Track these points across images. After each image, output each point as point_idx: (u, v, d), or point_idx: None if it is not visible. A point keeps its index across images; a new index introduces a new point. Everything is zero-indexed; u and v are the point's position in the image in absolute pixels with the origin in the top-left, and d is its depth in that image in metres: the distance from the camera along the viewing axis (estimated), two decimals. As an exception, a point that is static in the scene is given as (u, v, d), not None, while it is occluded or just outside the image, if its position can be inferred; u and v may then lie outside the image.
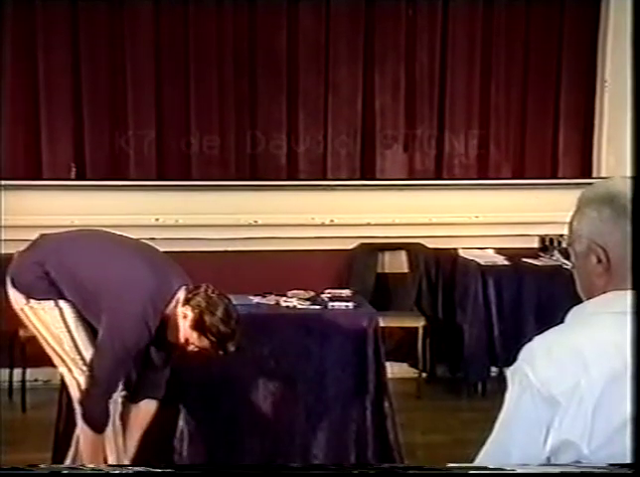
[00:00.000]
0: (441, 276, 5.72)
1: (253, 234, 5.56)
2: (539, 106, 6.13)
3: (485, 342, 5.33)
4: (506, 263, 5.47)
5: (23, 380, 5.06)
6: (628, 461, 1.40)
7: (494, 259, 5.51)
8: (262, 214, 5.58)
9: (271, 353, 3.88)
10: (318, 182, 5.82)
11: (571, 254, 1.62)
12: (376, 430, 3.91)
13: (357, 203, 5.74)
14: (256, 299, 4.13)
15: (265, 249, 5.53)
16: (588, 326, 1.52)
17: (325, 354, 3.91)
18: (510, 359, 1.56)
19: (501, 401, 1.53)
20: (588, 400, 1.43)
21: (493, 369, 5.40)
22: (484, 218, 5.76)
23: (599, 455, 1.42)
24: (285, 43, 5.86)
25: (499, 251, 5.62)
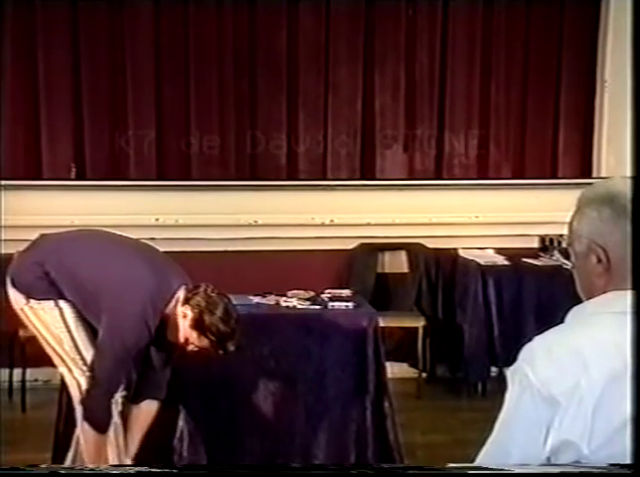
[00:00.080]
0: (441, 276, 5.71)
1: (253, 234, 5.56)
2: (539, 106, 6.13)
3: (485, 342, 5.33)
4: (506, 263, 5.47)
5: (23, 380, 5.06)
6: (628, 461, 1.40)
7: (494, 259, 5.50)
8: (262, 214, 5.58)
9: (271, 353, 3.88)
10: (318, 182, 5.82)
11: (571, 254, 1.62)
12: (376, 430, 3.91)
13: (357, 203, 5.74)
14: (256, 299, 4.12)
15: (265, 249, 5.53)
16: (588, 326, 1.52)
17: (325, 354, 3.91)
18: (510, 359, 1.56)
19: (501, 401, 1.53)
20: (588, 400, 1.43)
21: (493, 369, 5.40)
22: (484, 218, 5.76)
23: (599, 455, 1.42)
24: (285, 43, 5.86)
25: (499, 251, 5.62)
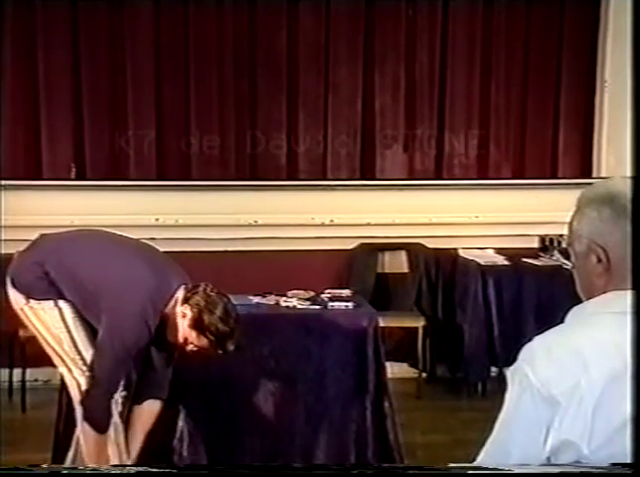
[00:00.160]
0: (441, 276, 5.71)
1: (253, 234, 5.56)
2: (539, 106, 6.13)
3: (485, 342, 5.32)
4: (506, 263, 5.47)
5: (23, 380, 5.06)
6: (628, 461, 1.40)
7: (494, 259, 5.50)
8: (262, 214, 5.58)
9: (271, 353, 3.88)
10: (318, 182, 5.82)
11: (571, 254, 1.62)
12: (376, 430, 3.90)
13: (357, 203, 5.74)
14: (256, 299, 4.12)
15: (265, 249, 5.53)
16: (588, 326, 1.52)
17: (325, 354, 3.91)
18: (510, 359, 1.56)
19: (501, 401, 1.53)
20: (588, 400, 1.43)
21: (493, 369, 5.39)
22: (484, 218, 5.76)
23: (599, 455, 1.42)
24: (285, 43, 5.86)
25: (499, 251, 5.62)
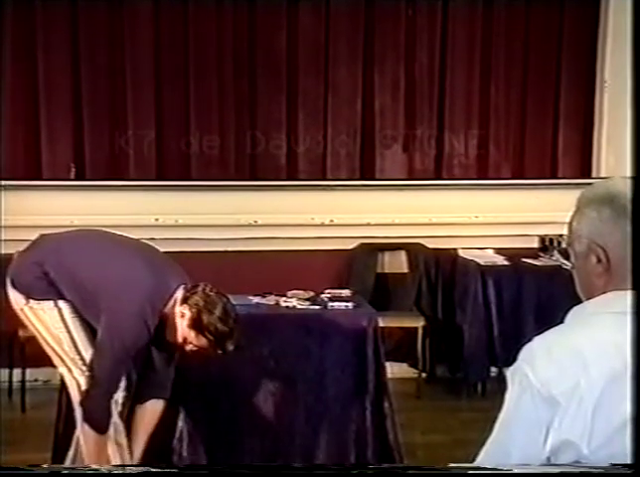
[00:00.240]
0: (441, 276, 5.71)
1: (253, 234, 5.56)
2: (539, 106, 6.13)
3: (485, 342, 5.32)
4: (506, 263, 5.47)
5: (23, 380, 5.06)
6: (628, 461, 1.40)
7: (494, 259, 5.50)
8: (262, 214, 5.58)
9: (271, 353, 3.87)
10: (318, 182, 5.82)
11: (571, 255, 1.62)
12: (376, 430, 3.90)
13: (357, 203, 5.74)
14: (256, 299, 4.12)
15: (265, 249, 5.52)
16: (588, 326, 1.52)
17: (325, 354, 3.91)
18: (510, 359, 1.56)
19: (501, 401, 1.53)
20: (588, 401, 1.43)
21: (493, 369, 5.39)
22: (484, 218, 5.76)
23: (599, 455, 1.42)
24: (285, 43, 5.86)
25: (499, 251, 5.62)
